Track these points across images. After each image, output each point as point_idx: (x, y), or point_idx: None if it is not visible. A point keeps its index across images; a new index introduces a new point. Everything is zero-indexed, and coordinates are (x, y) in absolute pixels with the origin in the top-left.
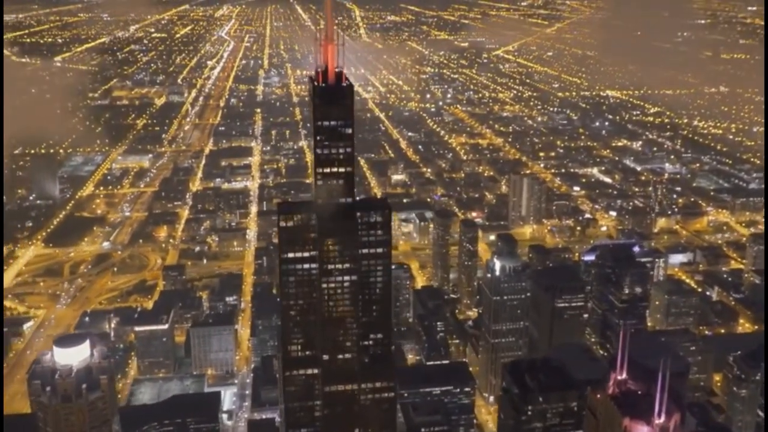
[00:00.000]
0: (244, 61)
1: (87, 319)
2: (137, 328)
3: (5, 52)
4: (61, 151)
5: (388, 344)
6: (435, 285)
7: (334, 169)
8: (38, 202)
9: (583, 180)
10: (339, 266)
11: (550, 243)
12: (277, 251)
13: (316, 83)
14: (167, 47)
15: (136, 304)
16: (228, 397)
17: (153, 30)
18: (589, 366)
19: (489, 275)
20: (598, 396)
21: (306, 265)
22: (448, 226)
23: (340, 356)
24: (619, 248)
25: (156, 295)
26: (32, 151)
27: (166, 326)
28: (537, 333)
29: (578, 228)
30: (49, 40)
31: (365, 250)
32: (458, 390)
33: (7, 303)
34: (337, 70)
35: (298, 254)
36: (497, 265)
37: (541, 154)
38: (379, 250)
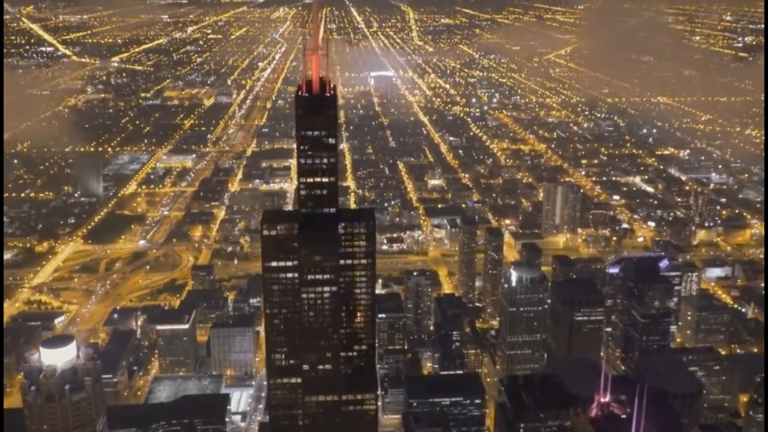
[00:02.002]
0: (294, 63)
1: (116, 315)
2: (159, 327)
3: (68, 51)
4: (109, 149)
5: (372, 356)
6: (461, 293)
7: (318, 179)
8: (82, 199)
9: (624, 189)
10: (319, 277)
11: (584, 253)
12: None
13: (300, 93)
14: (221, 48)
15: (165, 302)
16: (244, 399)
17: (209, 31)
18: (595, 383)
19: (506, 285)
20: (579, 417)
21: (289, 275)
22: (475, 234)
23: (321, 367)
24: (644, 262)
25: (184, 294)
26: (82, 150)
27: (187, 326)
28: (555, 346)
29: (614, 238)
30: (110, 40)
31: (348, 261)
32: (468, 401)
33: (42, 297)
34: (322, 78)
35: (281, 263)
36: (513, 275)
37: (584, 161)
38: (363, 261)
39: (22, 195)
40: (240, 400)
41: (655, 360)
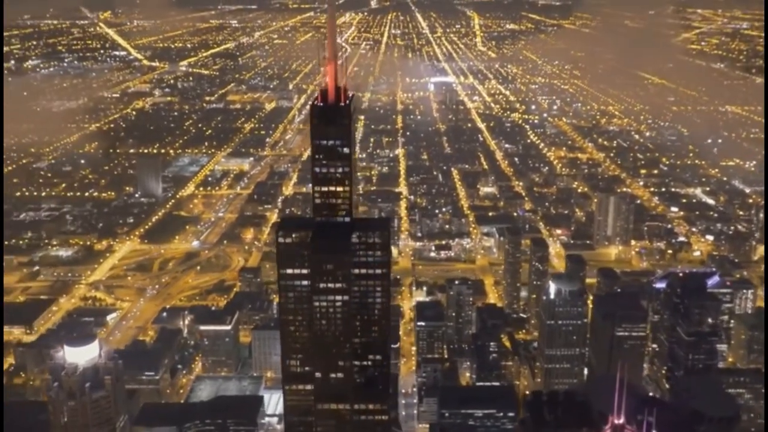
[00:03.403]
0: (356, 68)
1: (165, 314)
2: (202, 327)
3: (139, 55)
4: (171, 151)
5: (387, 366)
6: (505, 303)
7: (332, 188)
8: (142, 199)
9: (684, 200)
10: (331, 285)
11: (637, 266)
12: None
13: (315, 102)
14: (286, 53)
15: (213, 303)
16: (282, 401)
17: (276, 36)
18: (626, 402)
19: (544, 298)
20: None
21: (304, 282)
22: (519, 243)
23: (333, 375)
24: (691, 277)
25: (232, 295)
26: (145, 151)
27: (229, 327)
28: (596, 361)
29: (669, 251)
30: (180, 45)
31: (362, 270)
32: (502, 414)
33: (97, 294)
34: (339, 88)
35: (296, 271)
36: (552, 287)
37: (643, 171)
38: (378, 270)
39: (86, 194)
40: (278, 402)
41: (693, 380)
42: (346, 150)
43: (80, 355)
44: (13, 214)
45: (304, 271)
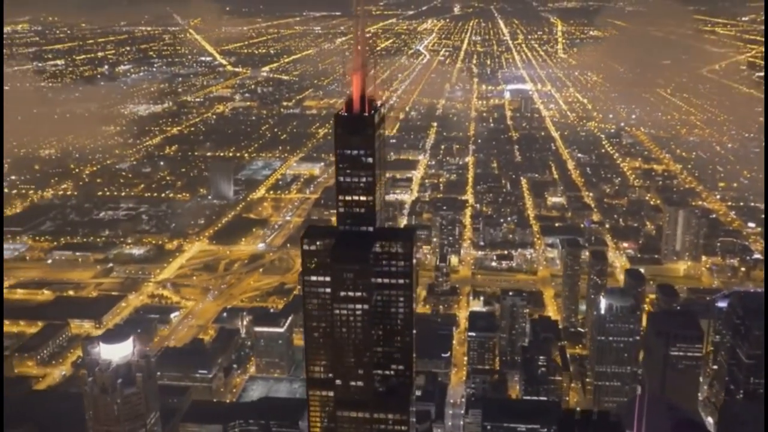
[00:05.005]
0: (433, 75)
1: (225, 314)
2: (257, 329)
3: (224, 61)
4: (246, 155)
5: (409, 376)
6: (563, 316)
7: (355, 198)
8: (214, 201)
9: (762, 216)
10: (351, 294)
11: (707, 283)
12: None
13: (340, 112)
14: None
15: (272, 305)
16: None
17: None
18: (663, 427)
19: (595, 313)
20: None
21: (327, 289)
22: (578, 256)
23: (353, 383)
24: (753, 296)
25: (291, 298)
26: (221, 154)
27: (282, 329)
28: (649, 380)
29: (743, 269)
30: (263, 51)
31: (385, 280)
32: (545, 430)
33: (164, 292)
34: (364, 98)
35: (319, 278)
36: (603, 303)
37: (721, 184)
38: (400, 281)
39: (162, 195)
40: None
41: (746, 406)
42: (370, 160)
43: (114, 352)
44: (93, 212)
45: (327, 279)
